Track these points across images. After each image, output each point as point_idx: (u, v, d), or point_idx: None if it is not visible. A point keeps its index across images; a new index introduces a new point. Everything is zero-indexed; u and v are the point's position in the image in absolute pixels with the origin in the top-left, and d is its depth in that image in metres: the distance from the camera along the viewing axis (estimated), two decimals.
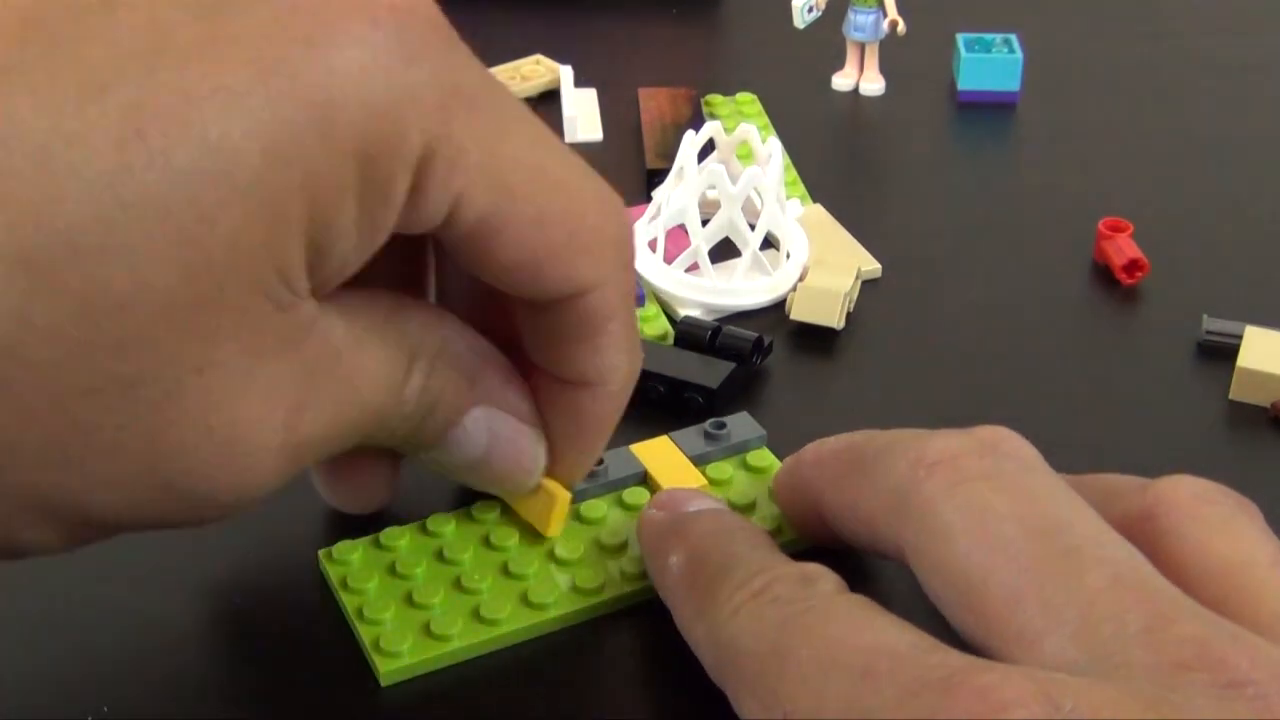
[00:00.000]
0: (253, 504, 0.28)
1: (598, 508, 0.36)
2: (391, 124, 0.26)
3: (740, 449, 0.38)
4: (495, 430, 0.32)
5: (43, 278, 0.23)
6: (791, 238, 0.48)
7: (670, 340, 0.44)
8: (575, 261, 0.30)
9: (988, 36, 0.60)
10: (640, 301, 0.45)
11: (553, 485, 0.34)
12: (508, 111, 0.29)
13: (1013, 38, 0.60)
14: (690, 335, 0.43)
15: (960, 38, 0.60)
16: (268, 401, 0.26)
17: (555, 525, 0.35)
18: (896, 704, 0.24)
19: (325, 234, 0.26)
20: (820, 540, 0.34)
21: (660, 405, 0.41)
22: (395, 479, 0.36)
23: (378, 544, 0.35)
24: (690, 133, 0.47)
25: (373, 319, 0.29)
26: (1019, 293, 0.47)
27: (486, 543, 0.35)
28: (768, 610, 0.28)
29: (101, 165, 0.23)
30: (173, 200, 0.23)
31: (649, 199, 0.50)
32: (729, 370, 0.41)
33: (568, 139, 0.57)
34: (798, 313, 0.45)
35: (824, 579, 0.29)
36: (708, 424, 0.39)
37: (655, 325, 0.45)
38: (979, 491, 0.28)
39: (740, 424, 0.39)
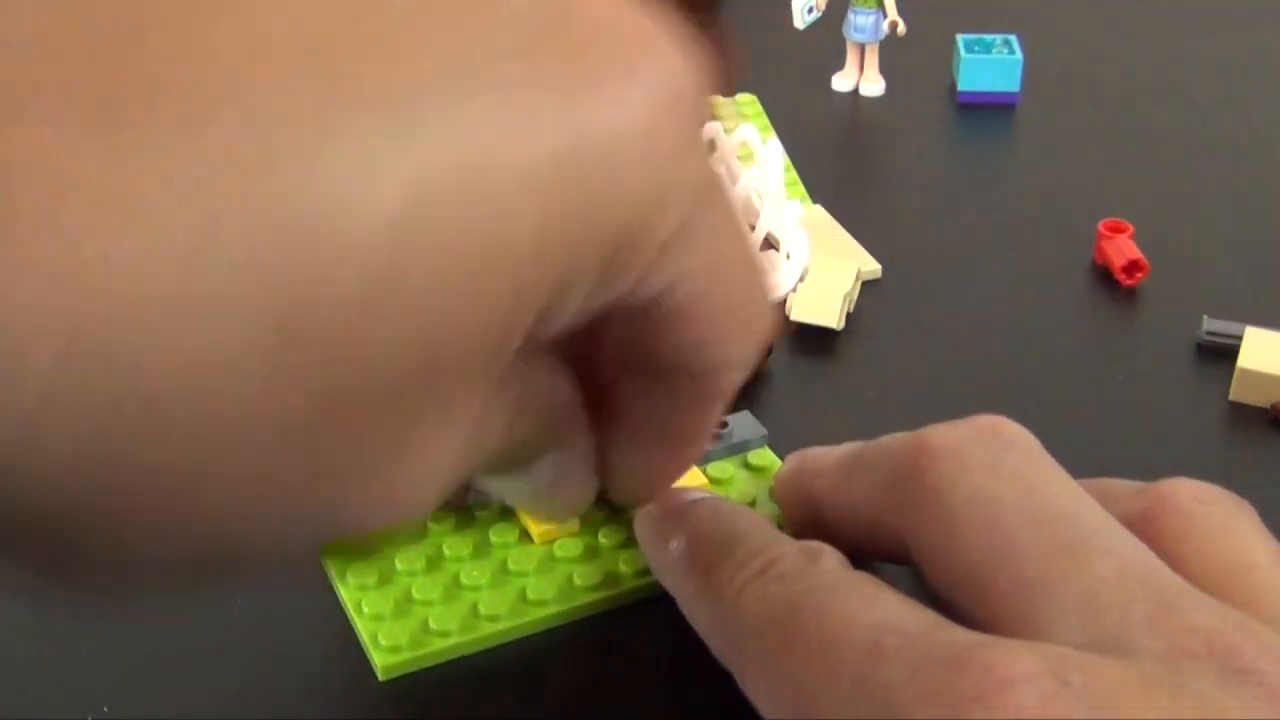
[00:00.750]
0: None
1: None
2: (647, 220, 0.24)
3: (741, 448, 0.38)
4: (563, 468, 0.31)
5: (294, 342, 0.19)
6: (791, 238, 0.48)
7: None
8: (734, 346, 0.29)
9: (988, 37, 0.60)
10: None
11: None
12: (724, 197, 0.27)
13: (1013, 38, 0.60)
14: None
15: (960, 38, 0.60)
16: (442, 459, 0.24)
17: (545, 538, 0.35)
18: (905, 680, 0.24)
19: (548, 316, 0.24)
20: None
21: None
22: None
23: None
24: None
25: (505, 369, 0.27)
26: (1019, 293, 0.47)
27: (486, 540, 0.35)
28: (772, 588, 0.28)
29: (380, 234, 0.19)
30: (447, 270, 0.20)
31: None
32: None
33: None
34: (798, 313, 0.45)
35: (827, 556, 0.29)
36: None
37: None
38: (984, 482, 0.28)
39: (742, 423, 0.39)
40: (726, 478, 0.38)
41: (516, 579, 0.34)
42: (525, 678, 0.33)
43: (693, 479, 0.37)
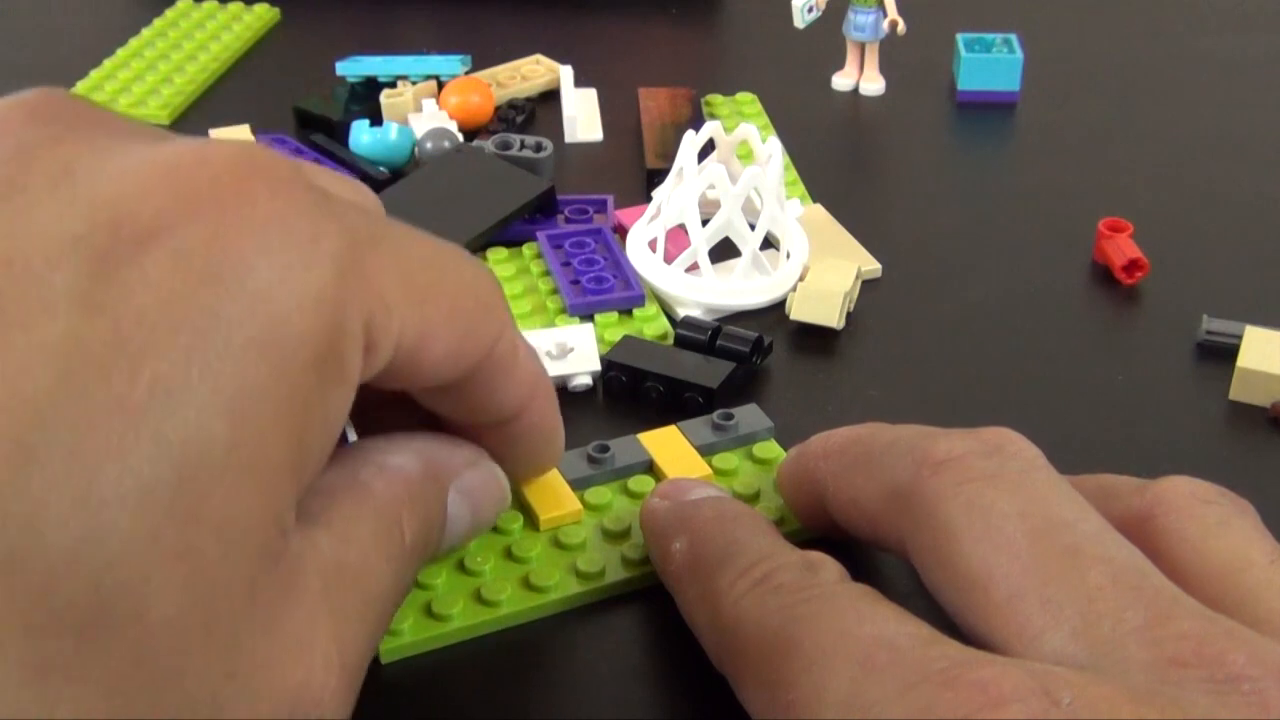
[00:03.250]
0: None
1: (602, 494, 0.36)
2: (336, 326, 0.25)
3: (747, 440, 0.38)
4: (472, 495, 0.32)
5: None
6: (791, 238, 0.48)
7: (670, 340, 0.44)
8: (482, 330, 0.29)
9: (988, 36, 0.60)
10: (640, 301, 0.45)
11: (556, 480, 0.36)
12: (391, 230, 0.28)
13: (1013, 38, 0.60)
14: (690, 335, 0.43)
15: (960, 38, 0.60)
16: (308, 652, 0.25)
17: (550, 525, 0.36)
18: (896, 696, 0.24)
19: (301, 455, 0.25)
20: (821, 531, 0.34)
21: (660, 406, 0.41)
22: None
23: None
24: (690, 133, 0.47)
25: (346, 511, 0.28)
26: (1019, 293, 0.47)
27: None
28: (770, 598, 0.28)
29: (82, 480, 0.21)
30: (161, 495, 0.22)
31: (649, 199, 0.50)
32: (729, 370, 0.41)
33: (568, 139, 0.57)
34: (798, 313, 0.45)
35: (826, 567, 0.29)
36: (716, 414, 0.39)
37: (655, 325, 0.45)
38: (983, 491, 0.28)
39: (748, 415, 0.39)
40: (731, 469, 0.38)
41: (520, 565, 0.34)
42: (527, 662, 0.33)
43: (698, 470, 0.37)
